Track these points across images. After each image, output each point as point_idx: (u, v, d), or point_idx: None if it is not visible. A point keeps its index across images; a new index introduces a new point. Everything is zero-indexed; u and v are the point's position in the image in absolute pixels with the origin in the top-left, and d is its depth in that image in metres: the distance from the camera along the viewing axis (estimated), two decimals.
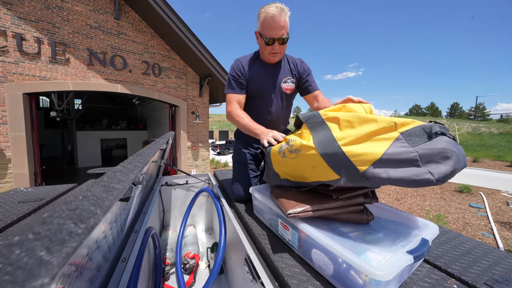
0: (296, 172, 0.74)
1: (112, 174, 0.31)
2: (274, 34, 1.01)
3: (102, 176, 0.29)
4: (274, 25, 0.99)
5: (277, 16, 0.98)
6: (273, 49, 1.06)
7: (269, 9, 0.98)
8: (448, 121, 34.89)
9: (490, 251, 0.72)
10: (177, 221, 1.70)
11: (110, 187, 0.26)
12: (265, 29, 1.02)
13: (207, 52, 5.78)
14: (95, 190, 0.24)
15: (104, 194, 0.24)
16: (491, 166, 13.80)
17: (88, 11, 4.63)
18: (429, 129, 0.52)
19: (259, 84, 1.16)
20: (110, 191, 0.25)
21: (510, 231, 5.09)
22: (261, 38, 1.05)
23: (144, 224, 0.92)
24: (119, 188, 0.27)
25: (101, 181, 0.27)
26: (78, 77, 4.62)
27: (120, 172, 0.33)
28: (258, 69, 1.16)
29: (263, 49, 1.09)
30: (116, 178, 0.30)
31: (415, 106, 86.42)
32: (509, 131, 24.81)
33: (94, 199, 0.22)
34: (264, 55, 1.12)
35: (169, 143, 1.47)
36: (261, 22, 1.02)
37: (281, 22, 0.99)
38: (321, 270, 0.59)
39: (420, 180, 0.48)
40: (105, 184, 0.26)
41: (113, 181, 0.28)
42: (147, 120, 11.27)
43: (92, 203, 0.21)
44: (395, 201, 7.08)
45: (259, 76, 1.16)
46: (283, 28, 1.00)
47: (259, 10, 1.04)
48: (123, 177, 0.31)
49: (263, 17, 1.00)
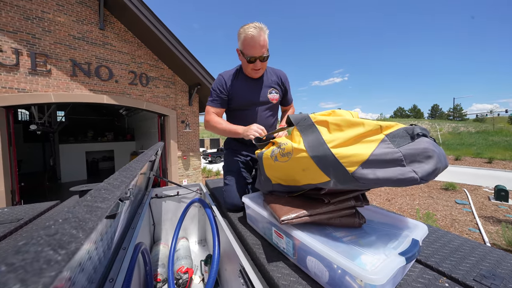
0: (287, 176, 0.74)
1: (96, 192, 0.29)
2: (255, 53, 1.06)
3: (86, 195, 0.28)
4: (254, 45, 1.04)
5: (257, 36, 1.03)
6: (255, 66, 1.12)
7: (249, 30, 1.03)
8: (430, 122, 36.70)
9: (476, 247, 0.74)
10: (168, 235, 1.64)
11: (93, 207, 0.25)
12: (246, 49, 1.07)
13: (195, 61, 5.80)
14: (77, 211, 0.23)
15: (87, 215, 0.22)
16: (472, 163, 14.57)
17: (71, 22, 4.55)
18: (411, 131, 0.55)
19: (244, 96, 1.21)
20: (93, 211, 0.24)
21: (493, 225, 5.33)
22: (243, 56, 1.11)
23: (133, 240, 0.88)
24: (103, 208, 0.25)
25: (84, 200, 0.26)
26: (60, 89, 4.46)
27: (105, 189, 0.31)
28: (242, 83, 1.22)
29: (246, 66, 1.15)
30: (101, 196, 0.28)
31: (399, 109, 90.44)
32: (485, 130, 26.46)
33: (76, 221, 0.20)
34: (247, 72, 1.18)
35: (158, 154, 1.44)
36: (241, 42, 1.07)
37: (261, 42, 1.04)
38: (316, 278, 0.59)
39: (405, 179, 0.50)
40: (88, 204, 0.25)
41: (97, 200, 0.27)
42: (135, 131, 10.98)
43: (74, 226, 0.20)
44: (386, 201, 7.25)
45: (244, 89, 1.21)
46: (263, 47, 1.06)
47: (239, 30, 1.08)
48: (108, 195, 0.29)
49: (243, 37, 1.05)
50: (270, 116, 1.29)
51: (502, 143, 19.85)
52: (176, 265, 1.32)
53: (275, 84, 1.28)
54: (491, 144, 20.01)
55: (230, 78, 1.21)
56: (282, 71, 1.33)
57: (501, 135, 23.40)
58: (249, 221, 0.96)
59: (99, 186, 0.32)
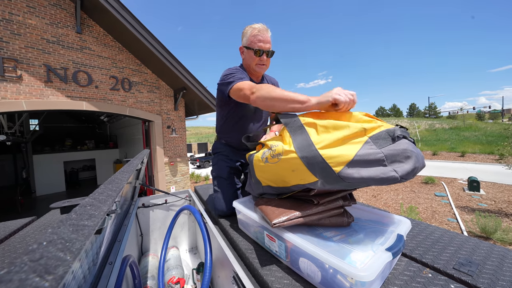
0: (277, 177, 0.75)
1: (82, 209, 0.28)
2: (263, 47, 1.08)
3: (70, 213, 0.26)
4: (263, 38, 1.07)
5: (264, 31, 1.07)
6: (261, 60, 1.11)
7: (255, 25, 1.07)
8: (409, 120, 38.85)
9: (454, 237, 0.80)
10: (157, 245, 1.58)
11: (80, 226, 0.23)
12: (254, 42, 1.08)
13: (180, 65, 5.70)
14: (63, 232, 0.21)
15: (74, 235, 0.21)
16: (447, 157, 15.60)
17: (44, 25, 4.28)
18: (393, 133, 0.59)
19: None
20: (80, 230, 0.23)
21: (468, 214, 5.74)
22: (249, 50, 1.10)
23: (120, 253, 0.84)
24: (90, 225, 0.24)
25: (68, 219, 0.24)
26: (33, 96, 4.17)
27: (91, 205, 0.30)
28: None
29: (251, 61, 1.12)
30: (87, 213, 0.27)
31: (380, 108, 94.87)
32: (457, 126, 28.51)
33: (62, 243, 0.19)
34: (251, 68, 1.15)
35: (144, 162, 1.39)
36: (248, 37, 1.09)
37: (268, 37, 1.08)
38: (309, 278, 0.60)
39: (387, 178, 0.53)
40: (74, 223, 0.24)
41: (83, 218, 0.25)
42: (118, 138, 10.52)
43: (60, 248, 0.18)
44: (372, 198, 7.53)
45: None
46: (269, 43, 1.09)
47: (245, 28, 1.12)
48: (94, 211, 0.28)
49: (251, 31, 1.08)
50: (263, 121, 1.30)
51: (472, 137, 21.52)
52: (166, 276, 1.27)
53: None
54: (463, 139, 21.63)
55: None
56: (275, 79, 1.36)
57: (470, 130, 25.36)
58: (241, 226, 0.95)
59: (84, 202, 0.31)
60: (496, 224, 4.36)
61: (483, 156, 15.00)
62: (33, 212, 5.99)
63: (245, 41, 1.11)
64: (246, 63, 1.17)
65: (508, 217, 5.47)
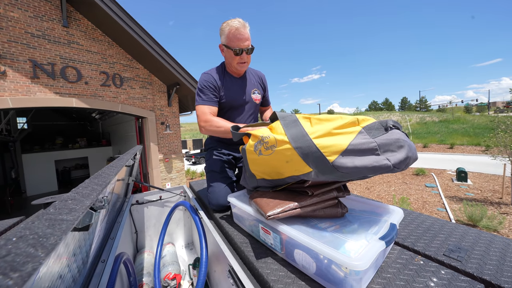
0: (272, 169, 0.75)
1: (62, 203, 0.26)
2: (242, 45, 1.06)
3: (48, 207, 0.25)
4: (241, 36, 1.05)
5: (242, 28, 1.04)
6: (242, 58, 1.10)
7: (233, 23, 1.04)
8: (400, 114, 39.51)
9: (444, 225, 0.82)
10: (152, 241, 1.56)
11: (57, 220, 0.22)
12: (232, 41, 1.06)
13: (172, 60, 5.57)
14: (37, 227, 0.20)
15: (49, 230, 0.20)
16: (437, 149, 16.02)
17: (27, 18, 4.09)
18: (385, 123, 0.60)
19: (232, 96, 1.19)
20: (57, 225, 0.21)
21: (456, 203, 5.94)
22: (229, 49, 1.09)
23: (113, 250, 0.82)
24: (69, 220, 0.23)
25: (45, 213, 0.23)
26: (19, 92, 4.02)
27: (72, 199, 0.28)
28: (229, 82, 1.19)
29: (231, 60, 1.12)
30: (66, 208, 0.25)
31: (373, 102, 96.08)
32: (446, 119, 29.20)
33: (35, 238, 0.18)
34: (232, 66, 1.15)
35: (136, 158, 1.36)
36: (226, 35, 1.07)
37: (246, 34, 1.06)
38: (304, 270, 0.60)
39: (380, 166, 0.54)
40: (51, 217, 0.22)
41: (62, 212, 0.24)
42: (110, 135, 10.31)
43: (31, 244, 0.17)
44: (365, 190, 7.68)
45: (231, 89, 1.19)
46: (248, 40, 1.07)
47: (222, 25, 1.08)
48: (75, 205, 0.26)
49: (228, 30, 1.05)
50: (252, 116, 1.29)
51: (460, 130, 22.12)
52: (162, 272, 1.27)
53: (257, 84, 1.28)
54: (452, 131, 22.21)
55: (218, 76, 1.16)
56: (261, 72, 1.34)
57: (459, 123, 26.04)
58: (236, 220, 0.95)
59: (65, 196, 0.29)
60: (482, 212, 4.54)
61: (471, 147, 15.48)
62: (23, 212, 5.86)
63: (223, 39, 1.09)
64: (227, 61, 1.17)
65: (492, 205, 5.70)
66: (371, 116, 35.02)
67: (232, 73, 1.21)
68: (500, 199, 6.01)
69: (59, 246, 0.20)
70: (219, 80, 1.16)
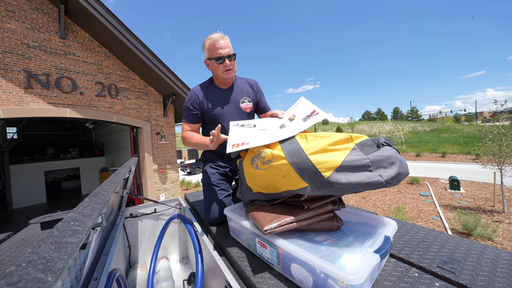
0: (268, 183, 0.76)
1: (65, 225, 0.27)
2: (222, 53, 1.12)
3: (52, 229, 0.25)
4: (220, 45, 1.11)
5: (220, 39, 1.11)
6: (225, 66, 1.14)
7: (211, 36, 1.13)
8: (393, 123, 40.44)
9: (437, 236, 0.83)
10: (146, 256, 1.52)
11: (62, 243, 0.22)
12: (213, 51, 1.12)
13: (168, 71, 5.64)
14: (43, 251, 0.20)
15: (56, 254, 0.20)
16: (429, 158, 16.34)
17: (24, 29, 4.12)
18: (377, 140, 0.62)
19: (218, 108, 1.22)
20: (63, 248, 0.21)
21: (451, 211, 6.00)
22: (212, 60, 1.14)
23: (106, 267, 0.80)
24: (74, 242, 0.23)
25: (50, 236, 0.23)
26: (11, 103, 3.96)
27: (75, 220, 0.29)
28: (215, 95, 1.23)
29: (217, 70, 1.16)
30: (70, 229, 0.26)
31: (366, 112, 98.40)
32: (437, 128, 30.05)
33: (43, 263, 0.18)
34: (219, 76, 1.19)
35: (131, 171, 1.35)
36: (207, 48, 1.14)
37: (225, 43, 1.13)
38: (302, 284, 0.60)
39: (373, 182, 0.56)
40: (56, 240, 0.23)
41: (66, 234, 0.24)
42: (104, 145, 10.13)
43: (41, 269, 0.18)
44: (361, 199, 7.69)
45: (217, 101, 1.22)
46: (227, 47, 1.13)
47: (203, 41, 1.16)
48: (78, 226, 0.27)
49: (208, 43, 1.13)
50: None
51: (451, 139, 22.73)
52: None
53: (246, 93, 1.30)
54: (443, 140, 22.79)
55: (202, 92, 1.22)
56: (253, 79, 1.37)
57: (449, 132, 26.80)
58: (232, 233, 0.94)
59: (67, 217, 0.30)
60: (476, 221, 4.59)
61: (462, 156, 15.86)
62: (9, 226, 5.57)
63: (206, 53, 1.17)
64: (214, 73, 1.23)
65: (485, 213, 5.78)
66: (365, 125, 35.31)
67: (220, 85, 1.24)
68: (492, 207, 6.11)
69: (66, 269, 0.21)
70: (203, 95, 1.21)
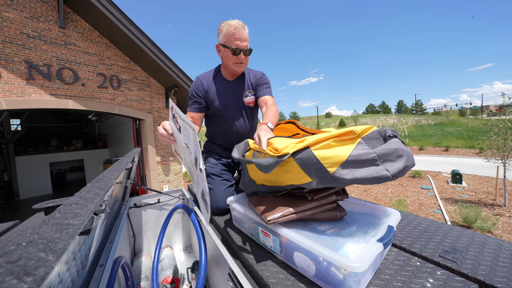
0: (271, 177, 0.75)
1: (67, 207, 0.27)
2: (240, 45, 1.05)
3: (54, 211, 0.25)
4: (240, 36, 1.03)
5: (241, 28, 1.03)
6: (239, 59, 1.08)
7: (231, 22, 1.02)
8: (397, 117, 39.96)
9: (440, 227, 0.83)
10: (150, 245, 1.55)
11: (64, 225, 0.22)
12: (230, 40, 1.04)
13: (171, 62, 5.57)
14: (45, 231, 0.20)
15: (57, 234, 0.20)
16: (432, 152, 16.21)
17: (23, 18, 4.05)
18: (384, 132, 0.60)
19: (221, 101, 1.18)
20: (64, 230, 0.21)
21: (452, 205, 6.01)
22: (226, 49, 1.07)
23: (111, 255, 0.82)
24: (75, 224, 0.23)
25: (52, 218, 0.23)
26: (14, 94, 3.97)
27: (76, 204, 0.28)
28: (220, 86, 1.18)
29: (228, 59, 1.10)
30: (72, 212, 0.25)
31: (370, 105, 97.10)
32: (441, 122, 29.63)
33: (44, 243, 0.18)
34: (229, 66, 1.13)
35: (135, 161, 1.35)
36: (224, 34, 1.04)
37: (245, 35, 1.05)
38: (304, 272, 0.61)
39: (379, 177, 0.54)
40: (58, 222, 0.22)
41: (68, 217, 0.24)
42: (107, 137, 10.19)
43: (41, 248, 0.17)
44: (363, 192, 7.73)
45: (221, 93, 1.18)
46: (246, 40, 1.06)
47: (220, 25, 1.07)
48: (80, 210, 0.27)
49: (227, 29, 1.03)
50: (247, 120, 1.26)
51: (455, 133, 22.46)
52: (161, 276, 1.26)
53: (251, 85, 1.25)
54: (447, 134, 22.54)
55: (208, 80, 1.17)
56: (260, 71, 1.31)
57: (454, 126, 26.44)
58: (235, 222, 0.95)
59: (69, 201, 0.29)
60: (476, 214, 4.61)
61: (465, 150, 15.71)
62: (17, 216, 5.74)
63: (221, 39, 1.07)
64: (224, 62, 1.16)
65: (486, 206, 5.79)
66: (368, 118, 34.88)
67: (226, 75, 1.19)
68: (493, 201, 6.10)
69: (67, 250, 0.21)
70: (208, 85, 1.17)
